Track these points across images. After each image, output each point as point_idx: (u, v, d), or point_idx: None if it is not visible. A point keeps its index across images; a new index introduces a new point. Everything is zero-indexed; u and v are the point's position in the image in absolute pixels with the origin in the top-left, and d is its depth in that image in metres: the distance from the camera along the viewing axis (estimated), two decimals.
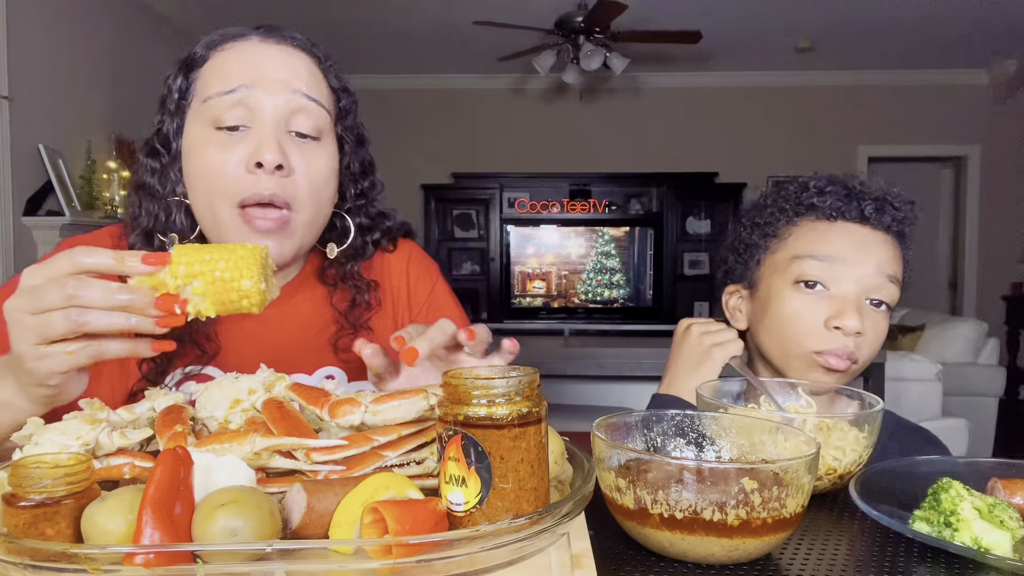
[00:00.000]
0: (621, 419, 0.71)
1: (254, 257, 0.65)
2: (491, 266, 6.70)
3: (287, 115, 0.87)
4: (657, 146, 6.69)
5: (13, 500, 0.49)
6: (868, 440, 0.77)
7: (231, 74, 0.87)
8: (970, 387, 3.78)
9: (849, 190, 0.98)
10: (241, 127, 0.86)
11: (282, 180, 0.86)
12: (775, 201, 1.04)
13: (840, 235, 0.97)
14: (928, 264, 7.10)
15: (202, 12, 4.88)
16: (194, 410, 0.65)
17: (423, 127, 6.64)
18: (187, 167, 0.89)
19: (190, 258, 0.64)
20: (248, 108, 0.86)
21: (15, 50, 3.45)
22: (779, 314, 0.97)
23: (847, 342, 0.92)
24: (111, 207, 4.05)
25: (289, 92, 0.87)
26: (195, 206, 0.90)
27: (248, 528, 0.47)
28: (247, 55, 0.88)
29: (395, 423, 0.61)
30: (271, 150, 0.84)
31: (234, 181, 0.85)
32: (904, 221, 0.99)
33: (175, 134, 0.91)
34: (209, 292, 0.63)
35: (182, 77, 0.91)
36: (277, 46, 0.90)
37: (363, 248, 1.02)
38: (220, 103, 0.86)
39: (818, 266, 0.95)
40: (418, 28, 5.36)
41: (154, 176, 0.92)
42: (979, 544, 0.60)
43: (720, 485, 0.57)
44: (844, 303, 0.93)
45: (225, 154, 0.85)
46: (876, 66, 6.29)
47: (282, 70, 0.88)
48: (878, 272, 0.95)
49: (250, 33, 0.91)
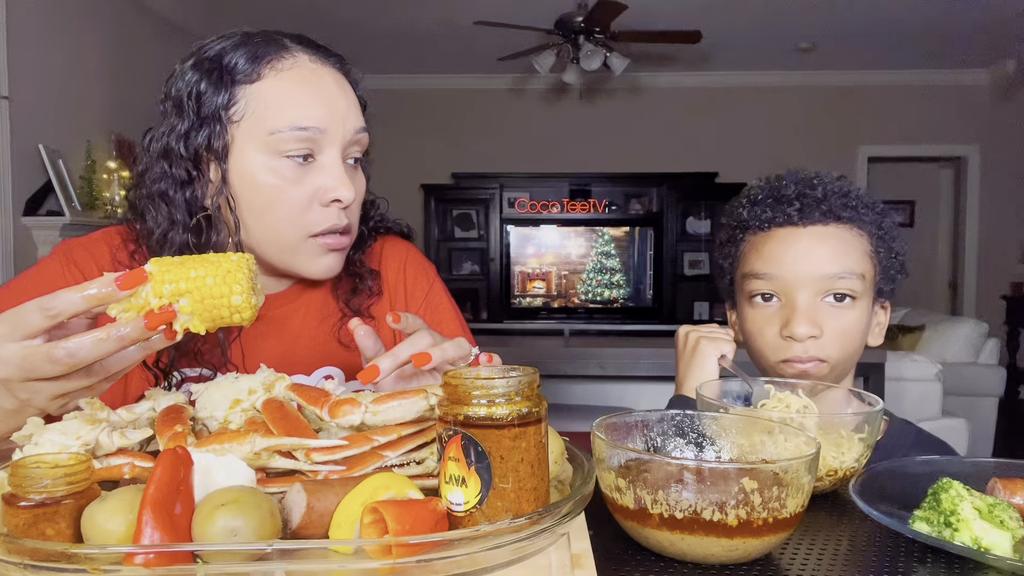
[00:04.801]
0: (621, 419, 0.71)
1: (241, 269, 0.61)
2: (491, 266, 6.70)
3: (348, 146, 0.90)
4: (657, 146, 6.69)
5: (13, 500, 0.49)
6: (868, 440, 0.77)
7: (301, 106, 0.85)
8: (970, 387, 3.78)
9: (777, 197, 0.98)
10: (308, 157, 0.86)
11: (342, 211, 0.89)
12: (727, 220, 1.06)
13: (776, 245, 0.97)
14: (928, 264, 7.11)
15: (202, 12, 4.88)
16: (194, 410, 0.65)
17: (423, 127, 6.64)
18: (247, 193, 0.86)
19: (173, 275, 0.59)
20: (317, 142, 0.86)
21: (15, 50, 3.45)
22: (745, 331, 1.01)
23: (806, 347, 0.93)
24: (111, 207, 4.05)
25: (351, 123, 0.89)
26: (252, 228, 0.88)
27: (248, 528, 0.47)
28: (308, 80, 0.87)
29: (395, 423, 0.61)
30: (348, 187, 0.87)
31: (308, 213, 0.87)
32: (843, 207, 0.96)
33: (209, 147, 0.85)
34: (198, 311, 0.60)
35: (224, 91, 0.85)
36: (331, 69, 0.90)
37: (363, 237, 1.02)
38: (292, 137, 0.84)
39: (761, 282, 0.97)
40: (418, 28, 5.36)
41: (176, 185, 0.87)
42: (979, 544, 0.60)
43: (720, 485, 0.57)
44: (792, 311, 0.94)
45: (297, 188, 0.86)
46: (876, 66, 6.30)
47: (342, 99, 0.89)
48: (828, 271, 0.94)
49: (294, 47, 0.88)
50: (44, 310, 0.58)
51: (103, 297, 0.58)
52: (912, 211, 7.29)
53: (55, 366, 0.58)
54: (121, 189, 4.14)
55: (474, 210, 6.74)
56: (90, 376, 0.61)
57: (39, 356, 0.58)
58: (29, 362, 0.59)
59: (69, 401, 0.63)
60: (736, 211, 1.04)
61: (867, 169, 6.68)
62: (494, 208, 6.67)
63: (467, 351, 0.75)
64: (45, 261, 0.93)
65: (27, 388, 0.61)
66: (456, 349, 0.74)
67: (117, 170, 4.16)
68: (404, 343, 0.73)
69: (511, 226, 6.72)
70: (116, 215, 4.03)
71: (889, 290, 1.01)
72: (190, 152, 0.86)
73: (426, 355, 0.71)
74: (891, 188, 7.00)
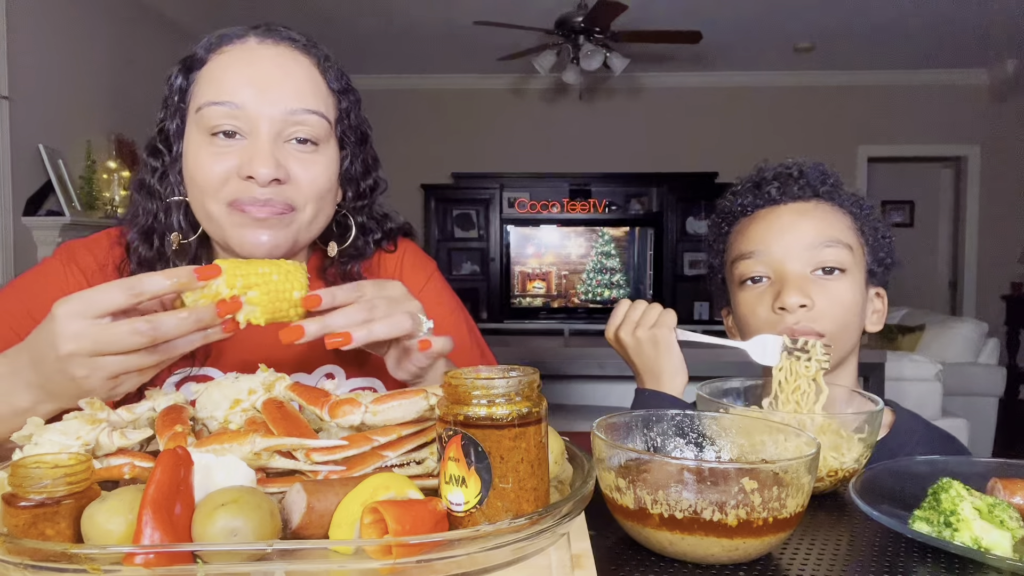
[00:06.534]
0: (621, 419, 0.71)
1: (299, 271, 0.72)
2: (491, 266, 6.70)
3: (284, 126, 0.86)
4: (657, 146, 6.69)
5: (13, 500, 0.49)
6: (868, 440, 0.77)
7: (225, 82, 0.85)
8: (970, 387, 3.78)
9: (757, 182, 1.02)
10: (237, 134, 0.85)
11: (280, 188, 0.85)
12: (714, 218, 1.09)
13: (759, 225, 0.99)
14: (928, 264, 7.11)
15: (202, 11, 4.87)
16: (194, 410, 0.65)
17: (423, 127, 6.64)
18: (184, 170, 0.89)
19: (243, 271, 0.68)
20: (242, 119, 0.85)
21: (15, 50, 3.45)
22: (739, 317, 1.01)
23: (797, 317, 0.93)
24: (111, 207, 4.05)
25: (286, 103, 0.85)
26: (193, 207, 0.90)
27: (248, 528, 0.47)
28: (243, 59, 0.87)
29: (395, 423, 0.61)
30: (265, 164, 0.83)
31: (226, 186, 0.85)
32: (822, 183, 0.99)
33: (176, 135, 0.90)
34: (264, 301, 0.68)
35: (182, 77, 0.90)
36: (275, 47, 0.88)
37: (364, 248, 1.01)
38: (211, 113, 0.84)
39: (749, 262, 0.98)
40: (418, 28, 5.36)
41: (154, 175, 0.92)
42: (979, 544, 0.60)
43: (720, 485, 0.57)
44: (782, 285, 0.94)
45: (218, 163, 0.85)
46: (876, 66, 6.29)
47: (279, 77, 0.86)
48: (812, 241, 0.95)
49: (247, 34, 0.89)
50: (129, 288, 0.63)
51: (183, 284, 0.65)
52: (912, 211, 7.29)
53: (137, 338, 0.63)
54: (121, 189, 4.14)
55: (474, 210, 6.74)
56: (153, 355, 0.65)
57: (122, 329, 0.63)
58: (107, 334, 0.63)
59: (121, 384, 0.67)
60: (721, 205, 1.07)
61: (867, 169, 6.68)
62: (494, 208, 6.67)
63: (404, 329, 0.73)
64: (48, 261, 0.94)
65: (90, 364, 0.64)
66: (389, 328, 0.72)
67: (117, 170, 4.16)
68: (338, 313, 0.72)
69: (511, 226, 6.72)
70: (116, 215, 4.03)
71: (881, 272, 1.02)
72: (163, 141, 0.91)
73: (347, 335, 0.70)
74: (891, 188, 7.00)
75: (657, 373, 0.99)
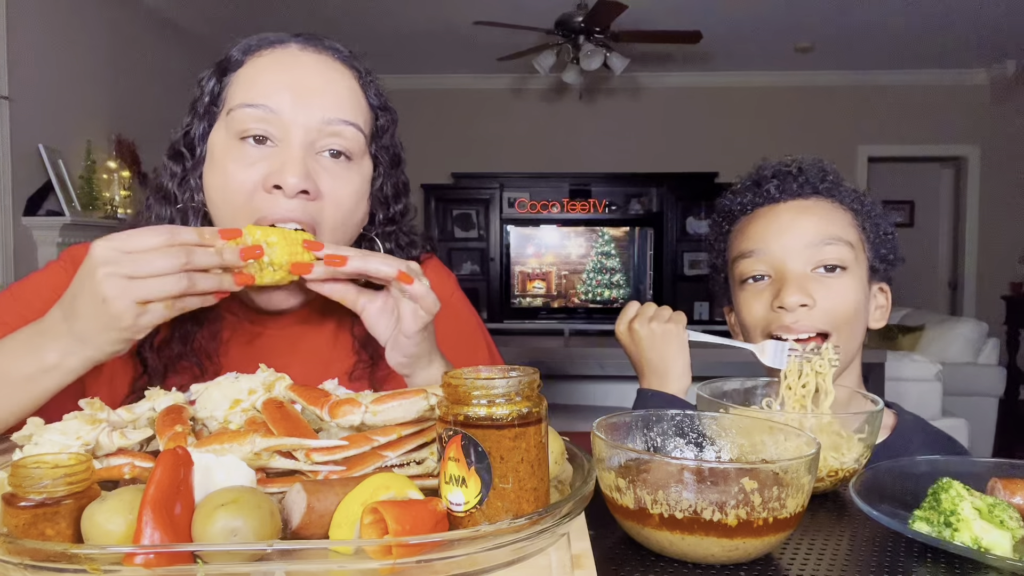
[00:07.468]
0: (621, 419, 0.71)
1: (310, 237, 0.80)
2: (491, 266, 6.70)
3: (319, 136, 0.83)
4: (657, 146, 6.69)
5: (13, 500, 0.49)
6: (868, 440, 0.77)
7: (261, 85, 0.82)
8: (970, 387, 3.78)
9: (756, 180, 1.02)
10: (268, 140, 0.82)
11: (307, 203, 0.81)
12: (714, 218, 1.09)
13: (759, 224, 0.99)
14: (928, 264, 7.11)
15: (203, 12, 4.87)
16: (194, 410, 0.65)
17: (423, 127, 6.63)
18: (207, 176, 0.85)
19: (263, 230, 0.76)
20: (275, 124, 0.81)
21: (15, 50, 3.45)
22: (740, 315, 1.01)
23: (796, 316, 0.93)
24: (111, 207, 4.05)
25: (324, 111, 0.82)
26: (214, 216, 0.86)
27: (248, 528, 0.47)
28: (283, 64, 0.84)
29: (395, 423, 0.61)
30: (295, 172, 0.79)
31: (253, 199, 0.81)
32: (821, 180, 0.99)
33: (201, 138, 0.86)
34: (283, 247, 0.75)
35: (215, 80, 0.86)
36: (317, 55, 0.85)
37: None
38: (243, 115, 0.81)
39: (750, 261, 0.98)
40: (418, 28, 5.36)
41: (173, 180, 0.87)
42: (979, 544, 0.60)
43: (720, 485, 0.57)
44: (782, 283, 0.94)
45: (246, 171, 0.81)
46: (876, 66, 6.30)
47: (319, 85, 0.83)
48: (813, 239, 0.94)
49: (289, 40, 0.86)
50: (165, 232, 0.68)
51: (210, 239, 0.72)
52: (912, 211, 7.29)
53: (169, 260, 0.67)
54: (121, 189, 4.14)
55: (474, 210, 6.74)
56: (180, 282, 0.68)
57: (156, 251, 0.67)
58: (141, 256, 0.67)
59: (146, 314, 0.69)
60: (721, 204, 1.07)
61: (867, 169, 6.68)
62: (494, 208, 6.67)
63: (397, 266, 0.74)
64: (52, 265, 0.94)
65: (122, 285, 0.66)
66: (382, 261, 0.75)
67: (117, 170, 4.16)
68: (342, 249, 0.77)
69: (511, 226, 6.72)
70: (116, 215, 4.03)
71: (884, 270, 1.01)
72: (187, 145, 0.88)
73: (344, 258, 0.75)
74: (891, 188, 6.99)
75: (664, 371, 0.98)
